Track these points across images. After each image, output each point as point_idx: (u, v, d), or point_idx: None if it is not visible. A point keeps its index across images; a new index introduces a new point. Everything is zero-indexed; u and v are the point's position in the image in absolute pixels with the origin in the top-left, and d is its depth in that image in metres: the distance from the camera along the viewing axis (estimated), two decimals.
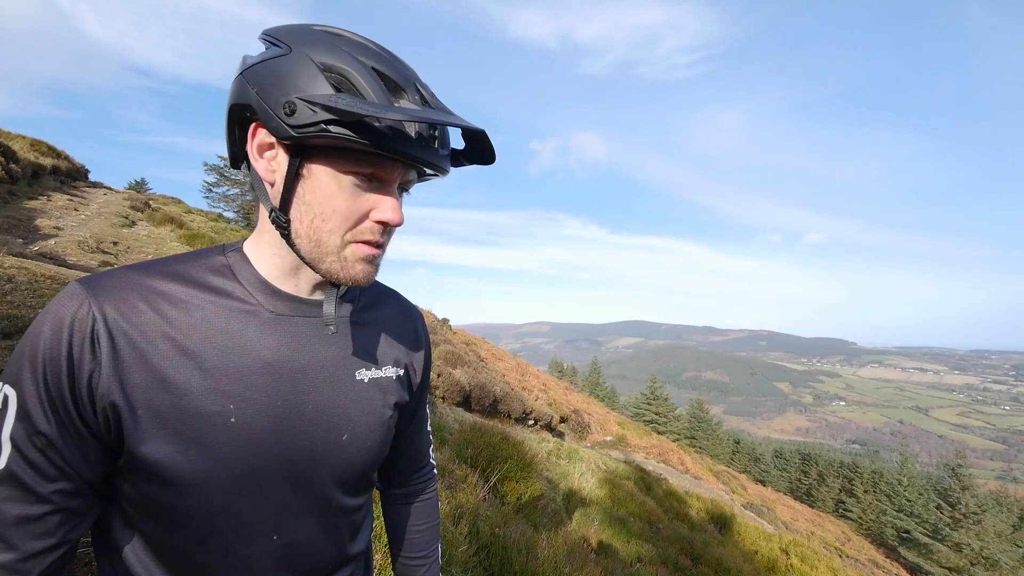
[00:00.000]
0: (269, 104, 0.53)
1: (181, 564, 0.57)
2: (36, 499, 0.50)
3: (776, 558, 7.79)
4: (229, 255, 0.63)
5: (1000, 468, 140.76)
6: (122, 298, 0.54)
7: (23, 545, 0.50)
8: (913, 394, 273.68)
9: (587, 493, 6.28)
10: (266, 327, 0.60)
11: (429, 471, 0.92)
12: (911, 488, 27.00)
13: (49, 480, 0.50)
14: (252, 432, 0.57)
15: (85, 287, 0.53)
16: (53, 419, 0.50)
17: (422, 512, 0.90)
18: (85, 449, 0.52)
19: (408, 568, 0.89)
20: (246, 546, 0.59)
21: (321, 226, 0.57)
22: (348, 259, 0.59)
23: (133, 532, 0.57)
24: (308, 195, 0.57)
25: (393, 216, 0.58)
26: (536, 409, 11.67)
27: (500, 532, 2.88)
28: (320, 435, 0.62)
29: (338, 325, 0.67)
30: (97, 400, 0.51)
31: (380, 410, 0.70)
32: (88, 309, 0.52)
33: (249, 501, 0.57)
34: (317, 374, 0.63)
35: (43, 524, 0.51)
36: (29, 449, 0.50)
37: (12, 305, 3.40)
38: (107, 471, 0.55)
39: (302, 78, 0.53)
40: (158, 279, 0.57)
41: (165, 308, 0.56)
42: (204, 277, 0.60)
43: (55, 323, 0.51)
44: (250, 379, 0.58)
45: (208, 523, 0.56)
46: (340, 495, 0.66)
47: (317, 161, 0.56)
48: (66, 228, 7.87)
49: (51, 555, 0.52)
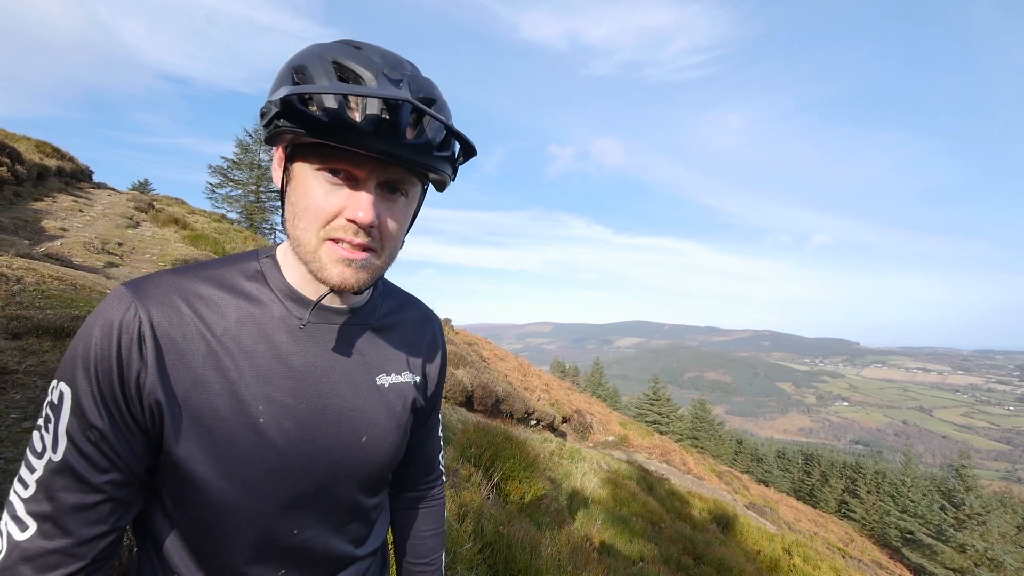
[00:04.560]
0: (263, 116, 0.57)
1: (208, 555, 0.61)
2: (90, 488, 0.53)
3: (779, 558, 7.77)
4: (262, 261, 0.67)
5: (1004, 469, 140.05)
6: (165, 301, 0.57)
7: (79, 531, 0.53)
8: (917, 394, 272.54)
9: (590, 493, 6.29)
10: (293, 333, 0.64)
11: (438, 477, 0.94)
12: (915, 489, 26.89)
13: (101, 471, 0.54)
14: (279, 433, 0.60)
15: (132, 291, 0.57)
16: (105, 415, 0.54)
17: (428, 518, 0.92)
18: (133, 443, 0.56)
19: (412, 574, 0.90)
20: (270, 541, 0.62)
21: (297, 224, 0.59)
22: (323, 260, 0.59)
23: (172, 524, 0.61)
24: (292, 195, 0.60)
25: (362, 216, 0.56)
26: (538, 409, 11.68)
27: (504, 531, 2.90)
28: (341, 437, 0.65)
29: (361, 331, 0.70)
30: (144, 398, 0.55)
31: (398, 414, 0.73)
32: (135, 312, 0.55)
33: (274, 499, 0.61)
34: (340, 378, 0.66)
35: (96, 512, 0.54)
36: (83, 442, 0.53)
37: (21, 306, 3.43)
38: (151, 464, 0.59)
39: (277, 83, 0.56)
40: (197, 283, 0.61)
41: (203, 311, 0.59)
42: (239, 282, 0.63)
43: (105, 325, 0.54)
44: (278, 382, 0.61)
45: (235, 519, 0.59)
46: (359, 494, 0.69)
47: (297, 160, 0.58)
48: (71, 229, 7.92)
49: (103, 541, 0.55)
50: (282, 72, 0.56)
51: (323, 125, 0.51)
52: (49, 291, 3.87)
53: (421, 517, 0.91)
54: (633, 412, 33.79)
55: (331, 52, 0.56)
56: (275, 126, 0.53)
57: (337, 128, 0.52)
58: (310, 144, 0.56)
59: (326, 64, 0.55)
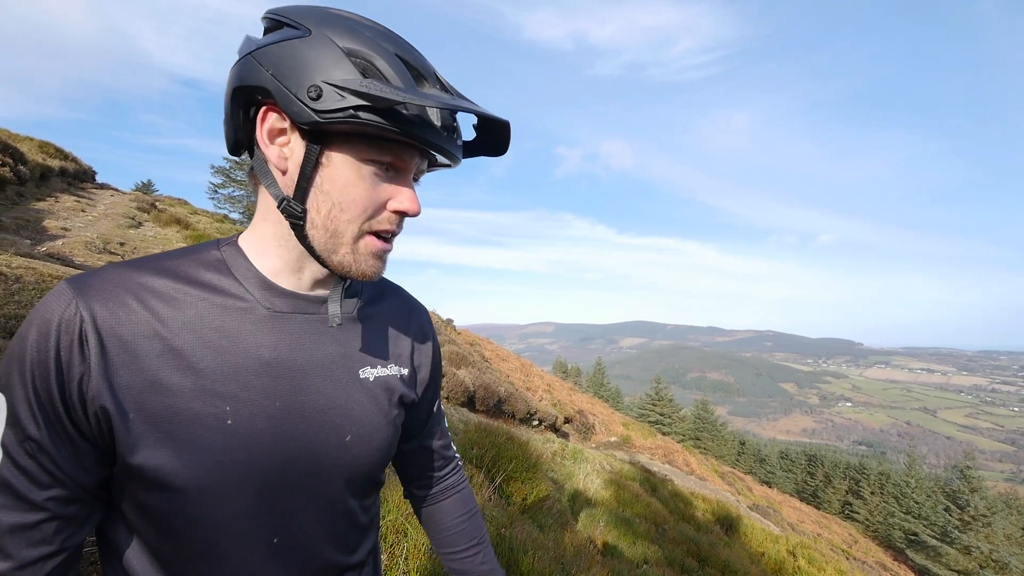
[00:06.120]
0: (289, 87, 0.51)
1: (181, 569, 0.55)
2: (30, 507, 0.48)
3: (783, 560, 7.72)
4: (223, 249, 0.60)
5: (1009, 470, 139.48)
6: (112, 296, 0.51)
7: (19, 553, 0.48)
8: (920, 395, 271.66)
9: (592, 494, 6.25)
10: (263, 325, 0.58)
11: (456, 464, 0.90)
12: (919, 490, 26.76)
13: (42, 487, 0.49)
14: (250, 434, 0.54)
15: (73, 286, 0.51)
16: (44, 424, 0.48)
17: (460, 504, 0.87)
18: (79, 455, 0.50)
19: (464, 562, 0.84)
20: (246, 551, 0.56)
21: (339, 216, 0.56)
22: (361, 252, 0.58)
23: (134, 537, 0.55)
24: (327, 184, 0.55)
25: (411, 206, 0.58)
26: (540, 410, 11.65)
27: (507, 532, 2.86)
28: (322, 436, 0.60)
29: (341, 321, 0.65)
30: (88, 404, 0.49)
31: (386, 409, 0.67)
32: (76, 309, 0.49)
33: (248, 506, 0.55)
34: (318, 373, 0.61)
35: (39, 532, 0.49)
36: (20, 455, 0.48)
37: (20, 305, 3.42)
38: (105, 476, 0.53)
39: (326, 62, 0.51)
40: (149, 275, 0.54)
41: (157, 306, 0.53)
42: (197, 273, 0.57)
43: (42, 325, 0.48)
44: (247, 379, 0.55)
45: (206, 528, 0.54)
46: (347, 497, 0.64)
47: (336, 148, 0.54)
48: (73, 229, 7.92)
49: (49, 562, 0.50)
50: (324, 47, 0.51)
51: (414, 126, 0.52)
52: (49, 290, 3.85)
53: (451, 505, 0.86)
54: (635, 413, 33.73)
55: (384, 40, 0.54)
56: (351, 114, 0.50)
57: (421, 129, 0.53)
58: (360, 135, 0.53)
59: (395, 60, 0.53)
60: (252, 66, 0.53)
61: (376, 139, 0.54)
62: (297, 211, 0.55)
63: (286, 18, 0.55)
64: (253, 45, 0.55)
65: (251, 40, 0.56)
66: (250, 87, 0.54)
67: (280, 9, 0.57)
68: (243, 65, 0.54)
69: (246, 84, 0.54)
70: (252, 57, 0.54)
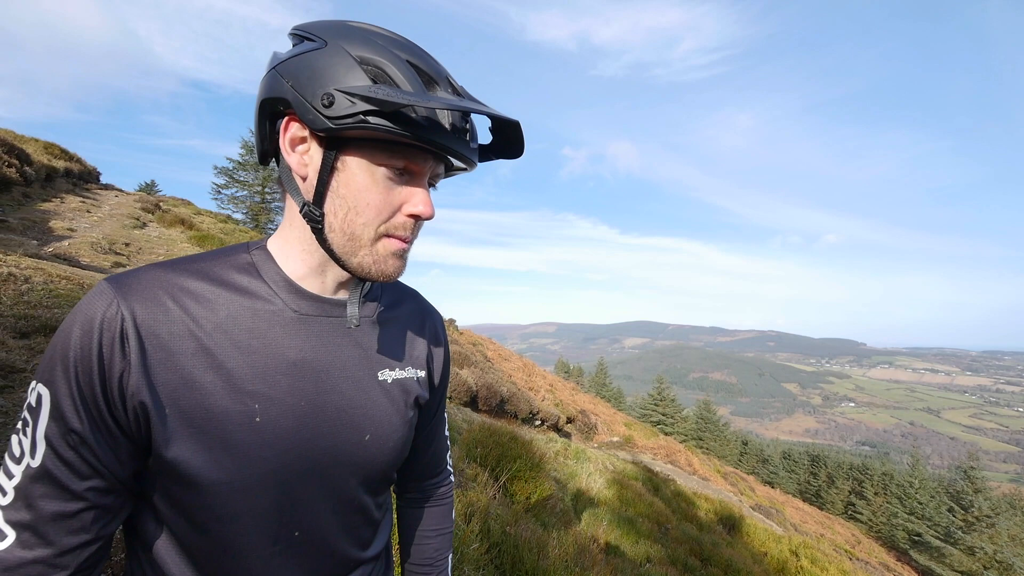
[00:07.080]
0: (305, 96, 0.54)
1: (206, 559, 0.58)
2: (71, 496, 0.51)
3: (786, 560, 7.71)
4: (254, 253, 0.63)
5: (1014, 471, 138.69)
6: (150, 296, 0.54)
7: (60, 540, 0.51)
8: (924, 395, 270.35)
9: (595, 493, 6.26)
10: (290, 327, 0.61)
11: (446, 477, 0.91)
12: (922, 491, 26.66)
13: (83, 478, 0.51)
14: (277, 432, 0.57)
15: (114, 286, 0.53)
16: (86, 418, 0.51)
17: (433, 517, 0.88)
18: (117, 447, 0.53)
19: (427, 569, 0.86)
20: (269, 543, 0.59)
21: (355, 219, 0.58)
22: (380, 253, 0.60)
23: (163, 529, 0.58)
24: (342, 188, 0.57)
25: (424, 209, 0.59)
26: (543, 409, 11.67)
27: (511, 531, 2.88)
28: (343, 435, 0.63)
29: (361, 324, 0.67)
30: (128, 399, 0.52)
31: (402, 410, 0.70)
32: (117, 308, 0.52)
33: (273, 500, 0.58)
34: (340, 374, 0.63)
35: (78, 520, 0.51)
36: (63, 447, 0.50)
37: (29, 305, 3.46)
38: (138, 469, 0.55)
39: (339, 70, 0.53)
40: (185, 277, 0.57)
41: (191, 306, 0.56)
42: (229, 275, 0.60)
43: (85, 323, 0.51)
44: (274, 379, 0.58)
45: (232, 521, 0.56)
46: (362, 493, 0.67)
47: (351, 154, 0.56)
48: (79, 229, 7.98)
49: (87, 550, 0.52)
50: (338, 57, 0.54)
51: (424, 130, 0.53)
52: (57, 291, 3.89)
53: (425, 516, 0.88)
54: (638, 413, 33.70)
55: (396, 48, 0.56)
56: (360, 119, 0.52)
57: (431, 132, 0.54)
58: (372, 140, 0.55)
59: (406, 66, 0.55)
60: (275, 79, 0.57)
61: (388, 143, 0.56)
62: (316, 215, 0.58)
63: (307, 32, 0.58)
64: (277, 60, 0.58)
65: (276, 55, 0.59)
66: (273, 99, 0.57)
67: (303, 25, 0.60)
68: (268, 79, 0.58)
69: (270, 96, 0.57)
70: (275, 71, 0.57)
